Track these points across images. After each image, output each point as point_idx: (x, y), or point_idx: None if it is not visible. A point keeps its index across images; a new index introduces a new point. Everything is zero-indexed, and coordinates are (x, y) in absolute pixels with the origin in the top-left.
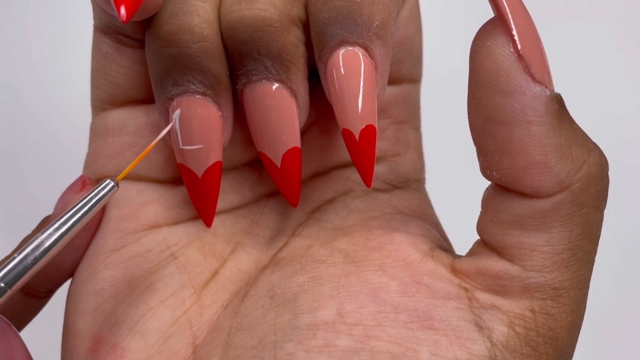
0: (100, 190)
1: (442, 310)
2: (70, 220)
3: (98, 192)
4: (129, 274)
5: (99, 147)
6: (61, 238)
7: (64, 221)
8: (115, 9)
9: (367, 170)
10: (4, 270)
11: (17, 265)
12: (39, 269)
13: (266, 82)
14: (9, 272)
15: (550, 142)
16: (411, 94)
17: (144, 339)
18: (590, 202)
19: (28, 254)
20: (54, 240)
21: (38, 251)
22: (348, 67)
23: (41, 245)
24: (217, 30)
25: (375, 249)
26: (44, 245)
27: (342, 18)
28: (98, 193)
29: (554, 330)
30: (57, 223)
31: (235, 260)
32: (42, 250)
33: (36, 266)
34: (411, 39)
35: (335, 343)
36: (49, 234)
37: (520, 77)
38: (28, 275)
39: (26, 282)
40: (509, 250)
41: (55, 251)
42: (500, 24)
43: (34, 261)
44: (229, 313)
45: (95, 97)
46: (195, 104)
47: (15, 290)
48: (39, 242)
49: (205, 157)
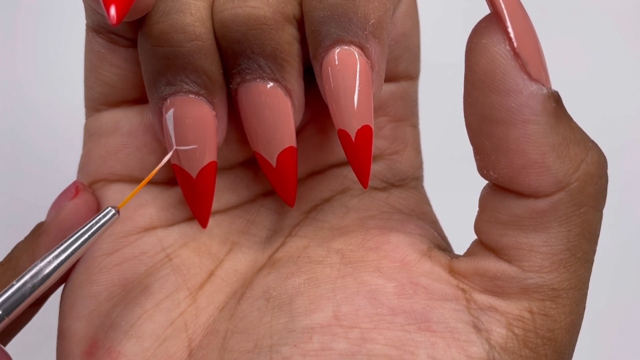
0: (101, 218)
1: (439, 312)
2: (70, 248)
3: (99, 219)
4: (124, 277)
5: (92, 148)
6: (60, 266)
7: (63, 249)
8: (104, 10)
9: (363, 171)
10: (2, 298)
11: (15, 292)
12: (37, 296)
13: (260, 81)
14: (7, 300)
15: (547, 141)
16: (409, 91)
17: (139, 342)
18: (589, 202)
19: (27, 282)
20: (53, 268)
21: (37, 279)
22: (343, 67)
23: (40, 273)
24: (210, 29)
25: (372, 250)
26: (43, 273)
27: (337, 17)
28: (99, 221)
29: (553, 331)
30: (56, 251)
31: (232, 261)
32: (40, 278)
33: (34, 294)
34: (408, 36)
35: (332, 346)
36: (48, 262)
37: (517, 76)
38: (26, 303)
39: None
40: (506, 250)
41: (53, 279)
42: (496, 21)
43: (32, 289)
44: (224, 315)
45: (88, 97)
46: (189, 103)
47: (13, 318)
48: (37, 269)
49: (200, 158)
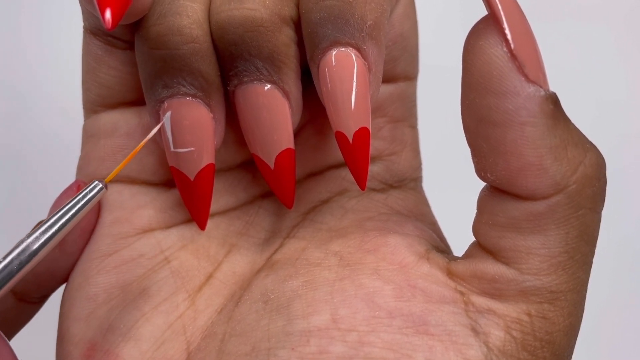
0: (89, 192)
1: (437, 315)
2: (57, 223)
3: (86, 194)
4: (122, 279)
5: (91, 149)
6: (49, 241)
7: (51, 224)
8: (100, 14)
9: (361, 173)
10: None
11: (1, 270)
12: (25, 273)
13: (258, 84)
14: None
15: (544, 143)
16: (407, 92)
17: (137, 345)
18: (587, 204)
19: (14, 259)
20: (41, 244)
21: (24, 255)
22: (340, 68)
23: (27, 249)
24: (207, 31)
25: (370, 252)
26: (31, 249)
27: (334, 18)
28: (86, 195)
29: (552, 334)
30: (44, 226)
31: (230, 263)
32: (28, 254)
33: (22, 270)
34: (406, 37)
35: (329, 349)
36: (35, 237)
37: (514, 77)
38: (14, 280)
39: (18, 287)
40: (504, 253)
41: (42, 255)
42: (493, 22)
43: (20, 266)
44: (222, 318)
45: (86, 99)
46: (186, 106)
47: (2, 295)
48: (25, 245)
49: (197, 160)
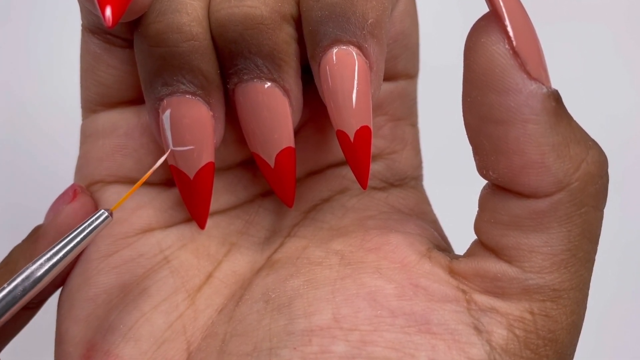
0: (94, 220)
1: (439, 314)
2: (62, 251)
3: (91, 222)
4: (122, 280)
5: (89, 149)
6: (52, 269)
7: (55, 251)
8: (100, 12)
9: (362, 172)
10: None
11: (6, 296)
12: (28, 300)
13: (258, 82)
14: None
15: (547, 141)
16: (407, 90)
17: (137, 345)
18: (590, 202)
19: (18, 285)
20: (45, 271)
21: (28, 282)
22: (342, 67)
23: (32, 276)
24: (207, 29)
25: (372, 251)
26: (35, 275)
27: (335, 16)
28: (91, 223)
29: (554, 332)
30: (48, 253)
31: (230, 262)
32: (32, 281)
33: (25, 297)
34: (407, 34)
35: (331, 349)
36: (39, 265)
37: (516, 75)
38: (17, 307)
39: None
40: (507, 251)
41: (45, 282)
42: (495, 19)
43: (23, 292)
44: (223, 318)
45: (84, 98)
46: (186, 104)
47: (4, 322)
48: (29, 272)
49: (197, 158)
